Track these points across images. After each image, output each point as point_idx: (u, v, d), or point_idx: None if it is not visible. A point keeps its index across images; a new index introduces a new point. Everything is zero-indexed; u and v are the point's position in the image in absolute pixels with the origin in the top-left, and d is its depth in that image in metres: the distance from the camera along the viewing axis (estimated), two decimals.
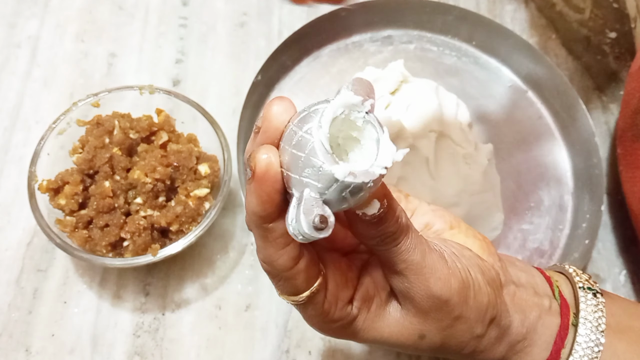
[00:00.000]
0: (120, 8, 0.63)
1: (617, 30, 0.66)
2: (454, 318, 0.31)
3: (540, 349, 0.34)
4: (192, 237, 0.46)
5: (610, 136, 0.60)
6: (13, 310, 0.48)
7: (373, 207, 0.26)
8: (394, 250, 0.29)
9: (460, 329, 0.32)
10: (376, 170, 0.24)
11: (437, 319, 0.31)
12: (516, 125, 0.60)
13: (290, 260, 0.28)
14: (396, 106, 0.52)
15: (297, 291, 0.29)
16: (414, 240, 0.29)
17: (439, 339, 0.32)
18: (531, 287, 0.35)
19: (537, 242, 0.54)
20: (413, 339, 0.32)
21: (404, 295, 0.31)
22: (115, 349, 0.48)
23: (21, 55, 0.60)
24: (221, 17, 0.64)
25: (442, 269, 0.30)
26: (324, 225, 0.24)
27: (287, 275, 0.28)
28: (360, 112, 0.25)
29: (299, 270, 0.28)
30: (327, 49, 0.62)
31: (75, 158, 0.48)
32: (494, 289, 0.32)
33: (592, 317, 0.33)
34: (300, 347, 0.48)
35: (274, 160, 0.25)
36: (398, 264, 0.29)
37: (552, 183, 0.57)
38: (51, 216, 0.46)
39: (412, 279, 0.29)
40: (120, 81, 0.59)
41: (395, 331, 0.32)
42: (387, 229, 0.28)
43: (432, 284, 0.29)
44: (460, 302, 0.30)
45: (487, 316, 0.32)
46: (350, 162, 0.25)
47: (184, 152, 0.48)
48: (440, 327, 0.31)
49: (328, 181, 0.24)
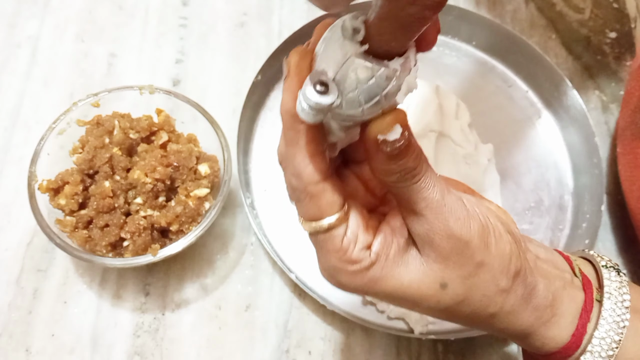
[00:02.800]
0: (120, 8, 0.63)
1: (617, 30, 0.66)
2: (476, 264, 0.30)
3: (567, 321, 0.33)
4: (192, 237, 0.46)
5: (610, 136, 0.60)
6: (13, 310, 0.48)
7: (395, 132, 0.26)
8: (413, 187, 0.28)
9: (484, 279, 0.30)
10: (392, 65, 0.24)
11: (458, 264, 0.30)
12: (516, 125, 0.60)
13: (318, 173, 0.28)
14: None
15: (320, 214, 0.28)
16: (433, 179, 0.28)
17: (462, 289, 0.30)
18: (551, 262, 0.34)
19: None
20: (435, 287, 0.30)
21: (424, 239, 0.30)
22: (115, 349, 0.48)
23: (21, 55, 0.60)
24: (221, 17, 0.64)
25: (462, 209, 0.29)
26: (324, 89, 0.24)
27: (313, 190, 0.28)
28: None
29: (325, 189, 0.28)
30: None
31: (75, 158, 0.48)
32: (516, 241, 0.31)
33: (617, 292, 0.32)
34: (300, 347, 0.48)
35: (306, 58, 0.26)
36: (417, 202, 0.28)
37: (552, 183, 0.57)
38: (51, 216, 0.46)
39: (432, 219, 0.28)
40: (120, 81, 0.59)
41: (416, 279, 0.30)
42: (407, 164, 0.27)
43: (452, 223, 0.28)
44: (482, 246, 0.29)
45: (512, 267, 0.31)
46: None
47: (184, 152, 0.48)
48: (463, 275, 0.30)
49: (342, 56, 0.24)
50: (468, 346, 0.49)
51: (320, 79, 0.24)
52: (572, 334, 0.33)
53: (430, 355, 0.49)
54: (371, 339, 0.49)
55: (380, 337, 0.49)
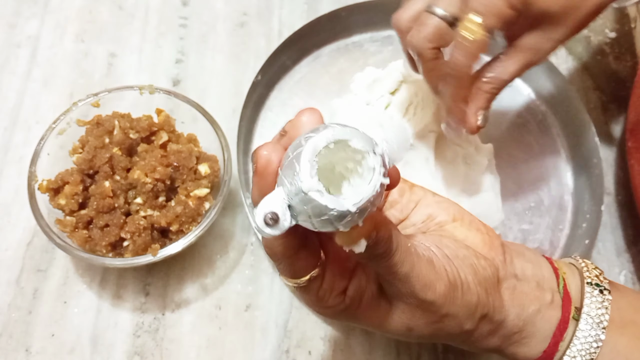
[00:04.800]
0: (120, 8, 0.63)
1: (617, 30, 0.66)
2: (441, 316, 0.33)
3: (538, 340, 0.35)
4: (192, 237, 0.46)
5: (610, 136, 0.60)
6: (13, 310, 0.48)
7: (360, 247, 0.27)
8: (383, 267, 0.30)
9: (449, 325, 0.33)
10: (344, 204, 0.24)
11: (424, 317, 0.33)
12: (515, 125, 0.60)
13: (289, 249, 0.30)
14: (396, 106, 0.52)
15: (296, 276, 0.31)
16: (402, 255, 0.30)
17: (427, 332, 0.34)
18: (534, 281, 0.35)
19: (537, 242, 0.53)
20: (402, 330, 0.34)
21: (392, 295, 0.33)
22: (115, 349, 0.48)
23: (21, 55, 0.60)
24: (221, 17, 0.64)
25: (429, 275, 0.31)
26: (271, 223, 0.25)
27: (287, 261, 0.30)
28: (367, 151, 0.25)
29: (299, 258, 0.30)
30: (327, 49, 0.62)
31: (75, 158, 0.48)
32: (485, 289, 0.33)
33: (594, 313, 0.34)
34: (300, 347, 0.48)
35: (273, 158, 0.27)
36: (386, 274, 0.31)
37: (552, 183, 0.57)
38: (51, 216, 0.46)
39: (399, 286, 0.31)
40: (120, 81, 0.59)
41: (385, 322, 0.33)
42: (375, 252, 0.29)
43: (417, 290, 0.31)
44: (447, 302, 0.32)
45: (477, 314, 0.33)
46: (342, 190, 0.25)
47: (184, 152, 0.48)
48: (428, 323, 0.33)
49: (297, 188, 0.24)
50: None
51: (270, 213, 0.25)
52: (543, 351, 0.35)
53: (430, 355, 0.49)
54: (371, 339, 0.49)
55: (380, 337, 0.49)
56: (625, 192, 0.57)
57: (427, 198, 0.36)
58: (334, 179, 0.26)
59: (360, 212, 0.25)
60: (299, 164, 0.24)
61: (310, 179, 0.24)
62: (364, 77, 0.54)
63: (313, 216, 0.25)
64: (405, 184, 0.36)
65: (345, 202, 0.24)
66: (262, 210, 0.25)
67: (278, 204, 0.25)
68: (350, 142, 0.25)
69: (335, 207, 0.24)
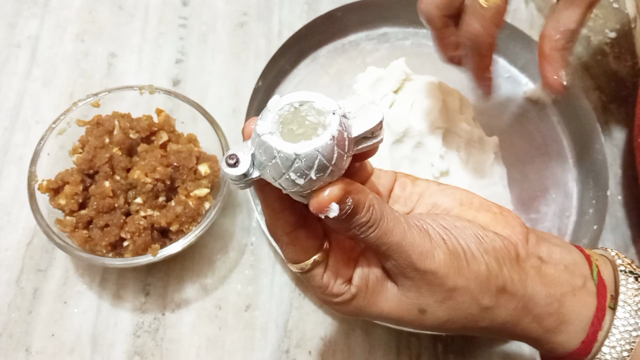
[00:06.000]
0: (120, 8, 0.63)
1: (617, 30, 0.66)
2: (448, 289, 0.31)
3: (577, 328, 0.33)
4: (192, 237, 0.46)
5: (610, 136, 0.60)
6: (13, 310, 0.48)
7: (333, 211, 0.27)
8: (372, 236, 0.29)
9: (463, 301, 0.31)
10: (291, 147, 0.25)
11: (431, 292, 0.31)
12: (517, 115, 0.60)
13: (288, 225, 0.30)
14: (400, 105, 0.52)
15: (298, 258, 0.30)
16: (391, 223, 0.29)
17: (441, 312, 0.31)
18: (562, 264, 0.34)
19: (545, 230, 0.54)
20: (414, 313, 0.32)
21: (394, 273, 0.31)
22: (115, 349, 0.48)
23: (21, 55, 0.60)
24: (221, 17, 0.64)
25: (424, 243, 0.30)
26: (232, 162, 0.26)
27: (287, 240, 0.30)
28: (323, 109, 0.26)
29: (298, 237, 0.30)
30: (324, 50, 0.62)
31: (75, 158, 0.48)
32: (495, 258, 0.31)
33: (631, 300, 0.32)
34: (300, 347, 0.48)
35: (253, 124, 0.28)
36: (379, 247, 0.30)
37: (556, 171, 0.57)
38: (51, 216, 0.46)
39: (396, 258, 0.30)
40: (120, 81, 0.59)
41: (395, 306, 0.32)
42: (358, 221, 0.28)
43: (415, 259, 0.30)
44: (451, 273, 0.30)
45: (492, 285, 0.31)
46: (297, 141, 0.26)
47: (184, 152, 0.48)
48: (438, 300, 0.31)
49: (255, 134, 0.26)
50: (468, 346, 0.49)
51: (230, 155, 0.27)
52: (582, 341, 0.33)
53: (430, 355, 0.49)
54: (371, 339, 0.49)
55: (380, 337, 0.49)
56: (625, 191, 0.57)
57: (431, 188, 0.35)
58: (295, 136, 0.27)
59: (314, 167, 0.25)
60: (265, 111, 0.26)
61: (264, 122, 0.26)
62: (366, 77, 0.54)
63: (267, 161, 0.26)
64: (407, 177, 0.35)
65: (293, 146, 0.25)
66: (226, 154, 0.27)
67: (241, 149, 0.27)
68: (314, 104, 0.26)
69: (282, 149, 0.25)
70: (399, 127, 0.51)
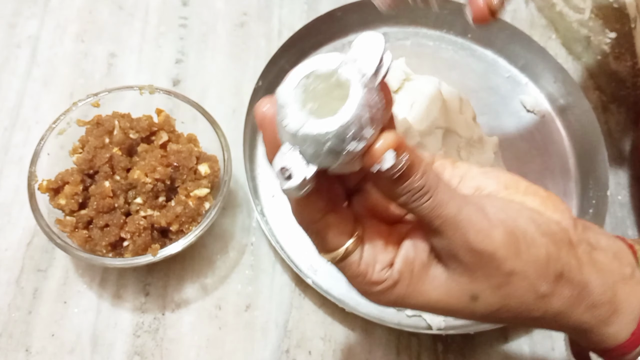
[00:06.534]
0: (120, 8, 0.63)
1: (617, 30, 0.66)
2: (506, 274, 0.28)
3: (628, 319, 0.31)
4: (192, 237, 0.46)
5: (610, 136, 0.60)
6: (13, 310, 0.48)
7: (388, 160, 0.25)
8: (425, 206, 0.27)
9: (519, 287, 0.29)
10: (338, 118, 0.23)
11: (486, 276, 0.28)
12: (516, 115, 0.60)
13: (315, 212, 0.27)
14: (400, 104, 0.52)
15: (330, 247, 0.28)
16: (446, 194, 0.27)
17: (495, 299, 0.29)
18: (611, 252, 0.32)
19: None
20: (465, 300, 0.29)
21: (447, 254, 0.29)
22: (115, 349, 0.48)
23: (21, 55, 0.60)
24: (221, 17, 0.64)
25: (481, 221, 0.28)
26: (287, 174, 0.25)
27: (316, 228, 0.28)
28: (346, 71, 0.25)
29: (328, 224, 0.28)
30: (324, 50, 0.62)
31: (75, 158, 0.48)
32: (554, 242, 0.29)
33: None
34: (300, 347, 0.48)
35: (266, 109, 0.26)
36: (433, 220, 0.27)
37: (556, 171, 0.57)
38: (51, 216, 0.46)
39: (450, 235, 0.27)
40: (120, 81, 0.59)
41: (443, 293, 0.29)
42: (412, 185, 0.26)
43: (471, 238, 0.27)
44: (510, 255, 0.28)
45: (551, 271, 0.29)
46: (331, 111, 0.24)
47: (184, 152, 0.48)
48: (493, 286, 0.28)
49: (291, 130, 0.24)
50: (468, 345, 0.49)
51: (280, 168, 0.25)
52: (632, 332, 0.31)
53: (430, 355, 0.49)
54: (371, 338, 0.49)
55: (380, 336, 0.49)
56: (625, 191, 0.57)
57: (472, 171, 0.32)
58: (326, 109, 0.25)
59: (361, 122, 0.24)
60: (283, 108, 0.25)
61: (292, 117, 0.24)
62: None
63: (319, 149, 0.24)
64: (447, 160, 0.33)
65: (338, 117, 0.23)
66: (275, 168, 0.25)
67: (284, 157, 0.25)
68: (317, 71, 0.25)
69: (328, 129, 0.23)
70: (398, 127, 0.51)
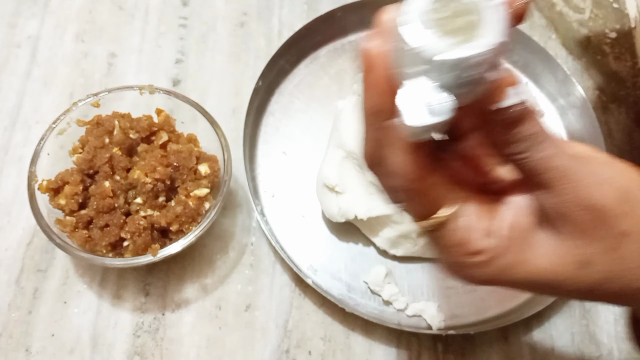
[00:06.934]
0: (120, 8, 0.64)
1: (617, 30, 0.66)
2: (618, 234, 0.26)
3: None
4: (192, 237, 0.46)
5: (609, 136, 0.60)
6: (13, 310, 0.48)
7: (510, 97, 0.24)
8: (538, 157, 0.25)
9: (630, 251, 0.26)
10: (484, 42, 0.22)
11: (598, 237, 0.26)
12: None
13: (420, 168, 0.25)
14: None
15: (431, 211, 0.26)
16: (558, 145, 0.25)
17: (606, 265, 0.26)
18: None
19: None
20: (573, 268, 0.27)
21: (556, 213, 0.26)
22: (115, 349, 0.48)
23: (21, 55, 0.60)
24: (221, 17, 0.64)
25: (593, 175, 0.26)
26: (429, 110, 0.22)
27: (418, 188, 0.26)
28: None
29: (431, 183, 0.26)
30: (325, 50, 0.62)
31: (75, 158, 0.48)
32: None
33: None
34: (300, 347, 0.48)
35: (376, 45, 0.24)
36: (544, 172, 0.26)
37: None
38: (51, 216, 0.46)
39: (561, 189, 0.26)
40: (120, 81, 0.59)
41: (551, 261, 0.27)
42: (529, 130, 0.25)
43: (584, 192, 0.25)
44: (623, 213, 0.26)
45: None
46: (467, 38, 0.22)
47: (184, 152, 0.48)
48: (605, 249, 0.26)
49: (424, 58, 0.22)
50: (468, 345, 0.49)
51: (424, 103, 0.22)
52: None
53: (430, 355, 0.49)
54: (371, 338, 0.49)
55: (380, 336, 0.49)
56: None
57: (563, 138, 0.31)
58: (455, 34, 0.23)
59: (503, 48, 0.22)
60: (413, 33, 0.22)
61: (434, 41, 0.22)
62: None
63: (459, 79, 0.22)
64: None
65: (486, 40, 0.22)
66: (402, 105, 0.22)
67: (417, 88, 0.22)
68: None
69: (480, 50, 0.22)
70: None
